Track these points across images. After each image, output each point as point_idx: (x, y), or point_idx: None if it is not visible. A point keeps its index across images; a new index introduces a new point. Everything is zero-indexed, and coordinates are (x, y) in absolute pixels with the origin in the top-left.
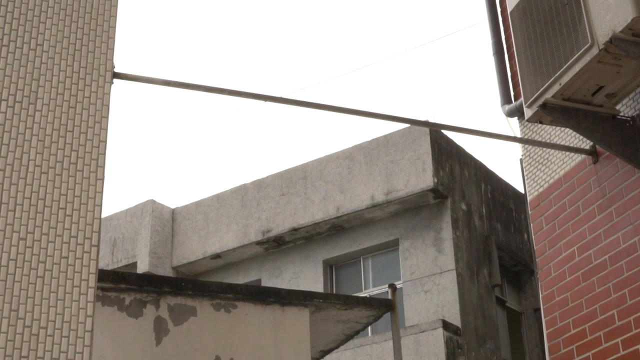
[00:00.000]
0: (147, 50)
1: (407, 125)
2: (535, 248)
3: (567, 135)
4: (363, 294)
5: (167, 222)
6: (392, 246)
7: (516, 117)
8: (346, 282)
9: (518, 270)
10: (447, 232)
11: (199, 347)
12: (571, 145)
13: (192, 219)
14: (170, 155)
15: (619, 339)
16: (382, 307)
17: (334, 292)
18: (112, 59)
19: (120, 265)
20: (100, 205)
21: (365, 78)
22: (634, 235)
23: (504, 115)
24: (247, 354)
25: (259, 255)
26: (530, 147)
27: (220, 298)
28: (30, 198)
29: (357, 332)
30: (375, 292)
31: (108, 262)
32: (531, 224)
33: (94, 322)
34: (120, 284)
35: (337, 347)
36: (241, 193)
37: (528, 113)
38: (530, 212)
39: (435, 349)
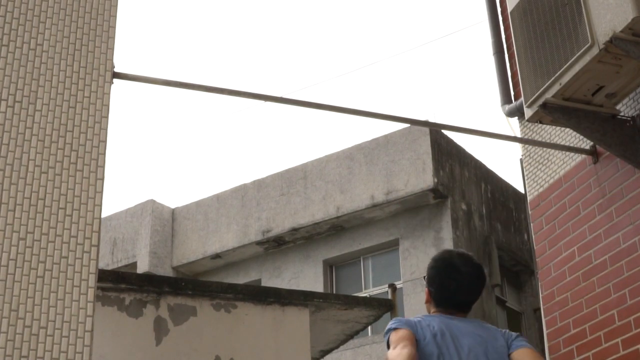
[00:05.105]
0: (147, 50)
1: (407, 125)
2: (535, 248)
3: (567, 135)
4: (363, 294)
5: (167, 222)
6: (392, 246)
7: (516, 117)
8: (346, 282)
9: (518, 270)
10: (447, 232)
11: (199, 347)
12: (571, 145)
13: (192, 219)
14: (170, 155)
15: (619, 339)
16: (382, 307)
17: (334, 292)
18: (112, 59)
19: (120, 265)
20: (100, 205)
21: (365, 78)
22: (634, 235)
23: (504, 115)
24: (247, 354)
25: (259, 255)
26: (530, 147)
27: (220, 298)
28: (30, 198)
29: (357, 332)
30: (375, 292)
31: (108, 262)
32: (531, 224)
33: (94, 322)
34: (120, 284)
35: (337, 347)
36: (241, 193)
37: (528, 113)
38: (530, 212)
39: None
